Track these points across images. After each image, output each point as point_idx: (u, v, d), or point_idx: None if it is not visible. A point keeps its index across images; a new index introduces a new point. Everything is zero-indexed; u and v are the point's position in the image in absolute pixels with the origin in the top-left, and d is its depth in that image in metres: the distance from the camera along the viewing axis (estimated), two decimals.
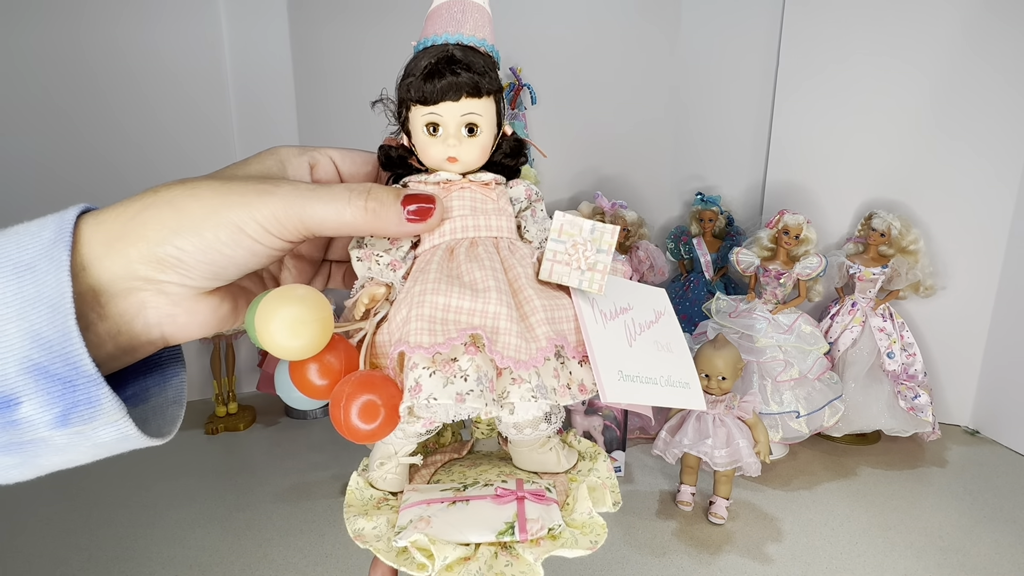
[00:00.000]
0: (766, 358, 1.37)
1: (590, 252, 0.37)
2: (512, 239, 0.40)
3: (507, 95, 1.68)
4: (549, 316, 0.36)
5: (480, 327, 0.35)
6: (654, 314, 0.45)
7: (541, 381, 0.36)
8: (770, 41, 1.63)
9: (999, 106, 1.42)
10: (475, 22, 0.43)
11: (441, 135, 0.39)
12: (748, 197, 1.76)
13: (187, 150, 1.62)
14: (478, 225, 0.39)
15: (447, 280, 0.36)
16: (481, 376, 0.35)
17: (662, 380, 0.41)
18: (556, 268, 0.37)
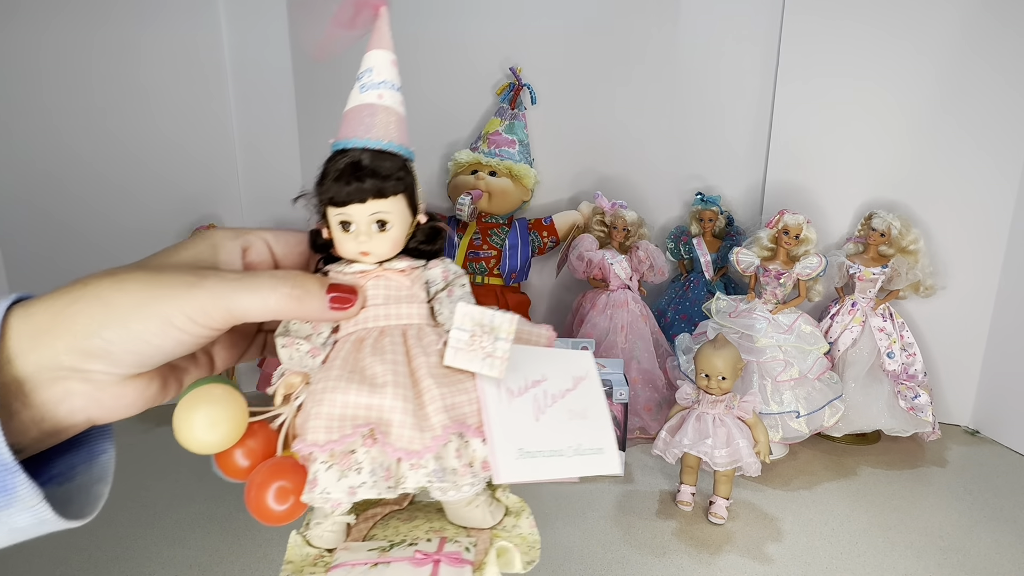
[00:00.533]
0: (766, 358, 1.37)
1: (488, 341, 0.41)
2: (422, 325, 0.44)
3: (507, 95, 1.68)
4: (448, 403, 0.40)
5: (375, 422, 0.38)
6: (572, 381, 0.49)
7: (440, 464, 0.39)
8: (770, 41, 1.63)
9: (1000, 106, 1.42)
10: (384, 126, 0.49)
11: (353, 231, 0.44)
12: (748, 197, 1.76)
13: (187, 150, 1.62)
14: (388, 314, 0.43)
15: (347, 377, 0.39)
16: (376, 467, 0.38)
17: (570, 450, 0.44)
18: (459, 355, 0.40)
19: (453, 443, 0.40)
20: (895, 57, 1.49)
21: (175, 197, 1.62)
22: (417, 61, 1.70)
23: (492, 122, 1.68)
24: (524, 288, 1.81)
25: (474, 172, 1.63)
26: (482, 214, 1.65)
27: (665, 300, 1.75)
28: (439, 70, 1.71)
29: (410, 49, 1.70)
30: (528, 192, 1.69)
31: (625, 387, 1.31)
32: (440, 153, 1.76)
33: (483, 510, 0.46)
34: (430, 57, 1.70)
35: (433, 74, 1.71)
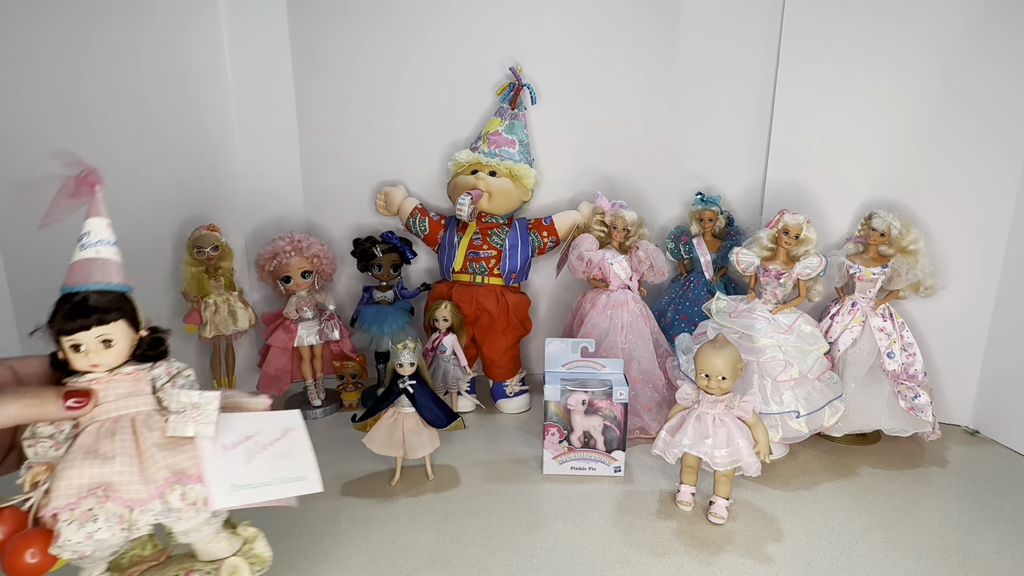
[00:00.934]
0: (766, 358, 1.37)
1: (198, 413, 0.62)
2: (149, 412, 0.63)
3: (507, 95, 1.68)
4: (169, 462, 0.59)
5: (105, 484, 0.56)
6: (281, 432, 0.70)
7: (165, 506, 0.58)
8: (770, 40, 1.63)
9: (1000, 106, 1.42)
10: (103, 272, 0.69)
11: (84, 351, 0.61)
12: (748, 197, 1.76)
13: (187, 151, 1.61)
14: (119, 407, 0.61)
15: (83, 456, 0.57)
16: (109, 516, 0.55)
17: (277, 480, 0.66)
18: (177, 426, 0.61)
19: (177, 490, 0.59)
20: (896, 57, 1.49)
21: (175, 197, 1.62)
22: (417, 61, 1.70)
23: (492, 122, 1.68)
24: (524, 288, 1.81)
25: (474, 172, 1.63)
26: (482, 214, 1.65)
27: (665, 300, 1.75)
28: (439, 70, 1.71)
29: (410, 49, 1.70)
30: (528, 192, 1.69)
31: (625, 387, 1.31)
32: (440, 153, 1.76)
33: (223, 543, 0.66)
34: (430, 57, 1.70)
35: (433, 74, 1.71)
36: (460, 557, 1.06)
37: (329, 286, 1.78)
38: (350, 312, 1.78)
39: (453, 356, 1.59)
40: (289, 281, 1.59)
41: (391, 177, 1.78)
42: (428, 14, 1.67)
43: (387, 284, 1.72)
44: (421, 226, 1.71)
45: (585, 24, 1.71)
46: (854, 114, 1.55)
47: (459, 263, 1.65)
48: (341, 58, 1.69)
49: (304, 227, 1.79)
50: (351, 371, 1.70)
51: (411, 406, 1.27)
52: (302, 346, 1.63)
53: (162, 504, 0.58)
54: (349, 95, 1.72)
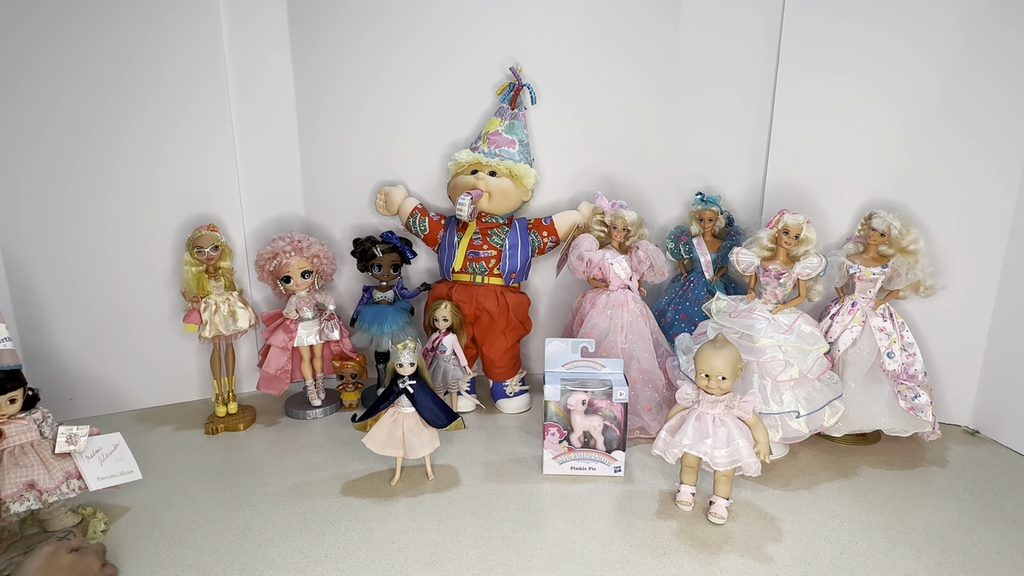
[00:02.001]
0: (766, 358, 1.37)
1: (76, 441, 1.12)
2: (37, 439, 1.11)
3: (507, 95, 1.68)
4: (64, 466, 1.10)
5: (29, 481, 1.04)
6: (113, 446, 1.17)
7: (63, 491, 1.07)
8: (770, 41, 1.63)
9: (1000, 106, 1.42)
10: (11, 359, 1.07)
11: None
12: (748, 197, 1.76)
13: (188, 150, 1.61)
14: (20, 438, 1.09)
15: (12, 466, 1.04)
16: (32, 498, 1.04)
17: (118, 473, 1.16)
18: (62, 447, 1.10)
19: (71, 483, 1.09)
20: (895, 57, 1.49)
21: (175, 197, 1.62)
22: (417, 61, 1.70)
23: (492, 122, 1.68)
24: (524, 288, 1.81)
25: (474, 172, 1.63)
26: (482, 214, 1.65)
27: (665, 300, 1.75)
28: (439, 70, 1.71)
29: (410, 50, 1.70)
30: (528, 192, 1.69)
31: (625, 387, 1.31)
32: (440, 153, 1.76)
33: (69, 517, 1.12)
34: (430, 57, 1.70)
35: (433, 74, 1.71)
36: (460, 557, 1.06)
37: (329, 286, 1.78)
38: (350, 312, 1.78)
39: (453, 356, 1.59)
40: (289, 281, 1.59)
41: (391, 177, 1.78)
42: (428, 15, 1.67)
43: (387, 284, 1.72)
44: (421, 226, 1.71)
45: (585, 24, 1.71)
46: (854, 114, 1.55)
47: (459, 263, 1.65)
48: (341, 58, 1.69)
49: (304, 227, 1.79)
50: (351, 371, 1.70)
51: (411, 406, 1.27)
52: (302, 346, 1.63)
53: (65, 488, 1.08)
54: (349, 95, 1.72)
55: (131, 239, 1.59)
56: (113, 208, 1.57)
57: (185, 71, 1.57)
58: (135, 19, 1.50)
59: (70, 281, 1.56)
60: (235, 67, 1.63)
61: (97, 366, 1.62)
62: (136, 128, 1.55)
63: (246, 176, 1.70)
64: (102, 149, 1.54)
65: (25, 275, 1.53)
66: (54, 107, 1.48)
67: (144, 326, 1.64)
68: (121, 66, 1.51)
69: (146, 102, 1.55)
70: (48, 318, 1.56)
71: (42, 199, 1.51)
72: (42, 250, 1.53)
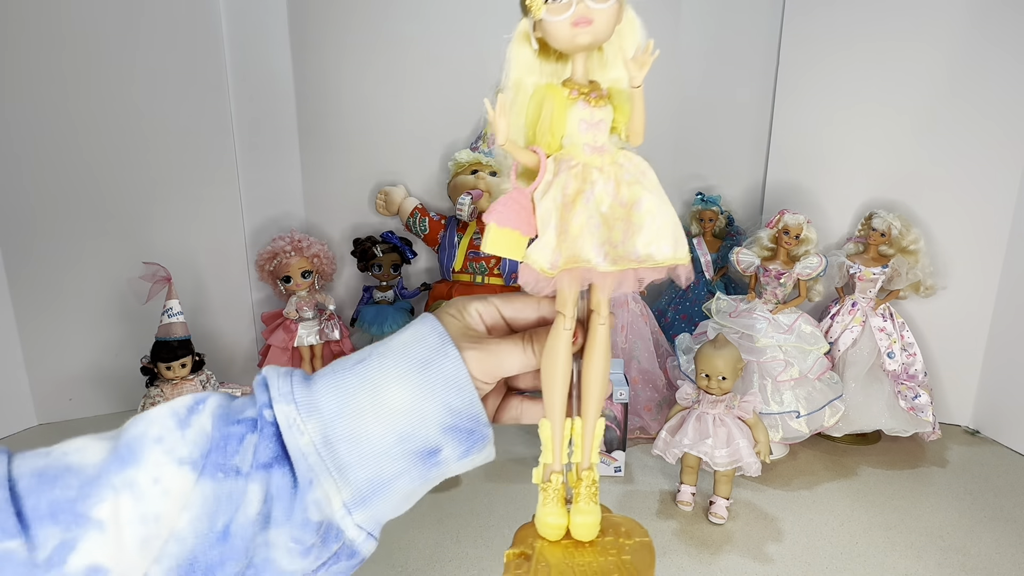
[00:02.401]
0: (766, 358, 1.37)
1: None
2: None
3: None
4: None
5: None
6: None
7: None
8: (770, 41, 1.63)
9: (1000, 106, 1.42)
10: (182, 330, 1.23)
11: None
12: (748, 197, 1.76)
13: (188, 151, 1.61)
14: None
15: None
16: None
17: None
18: None
19: None
20: (896, 58, 1.49)
21: (175, 197, 1.62)
22: (417, 61, 1.70)
23: None
24: None
25: (474, 172, 1.63)
26: (482, 214, 1.65)
27: (665, 300, 1.75)
28: (439, 70, 1.71)
29: (410, 49, 1.70)
30: None
31: (625, 387, 1.31)
32: (440, 153, 1.76)
33: None
34: (430, 56, 1.70)
35: (433, 74, 1.71)
36: (460, 557, 1.06)
37: (329, 286, 1.77)
38: (350, 312, 1.78)
39: None
40: (289, 281, 1.59)
41: (391, 177, 1.78)
42: (428, 15, 1.67)
43: (387, 284, 1.72)
44: (421, 226, 1.71)
45: None
46: (854, 114, 1.55)
47: (459, 263, 1.65)
48: (341, 59, 1.69)
49: (304, 227, 1.79)
50: None
51: None
52: (302, 346, 1.63)
53: None
54: (349, 96, 1.72)
55: (131, 240, 1.59)
56: (113, 209, 1.57)
57: (185, 71, 1.57)
58: (135, 19, 1.50)
59: (72, 281, 1.56)
60: (235, 67, 1.63)
61: (98, 365, 1.62)
62: (136, 128, 1.55)
63: (246, 177, 1.70)
64: (101, 149, 1.54)
65: (26, 275, 1.53)
66: (54, 107, 1.48)
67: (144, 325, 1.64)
68: (121, 66, 1.51)
69: (146, 102, 1.55)
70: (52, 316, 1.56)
71: (42, 198, 1.51)
72: (42, 250, 1.53)
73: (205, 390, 1.26)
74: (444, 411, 0.33)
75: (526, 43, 0.41)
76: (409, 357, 0.34)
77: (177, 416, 0.31)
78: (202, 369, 1.30)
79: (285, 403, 0.31)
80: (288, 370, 0.34)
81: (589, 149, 0.39)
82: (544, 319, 0.40)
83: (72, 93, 1.48)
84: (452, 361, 0.34)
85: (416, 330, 0.35)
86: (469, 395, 0.34)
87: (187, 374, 1.26)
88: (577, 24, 0.37)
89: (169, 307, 1.28)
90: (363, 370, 0.33)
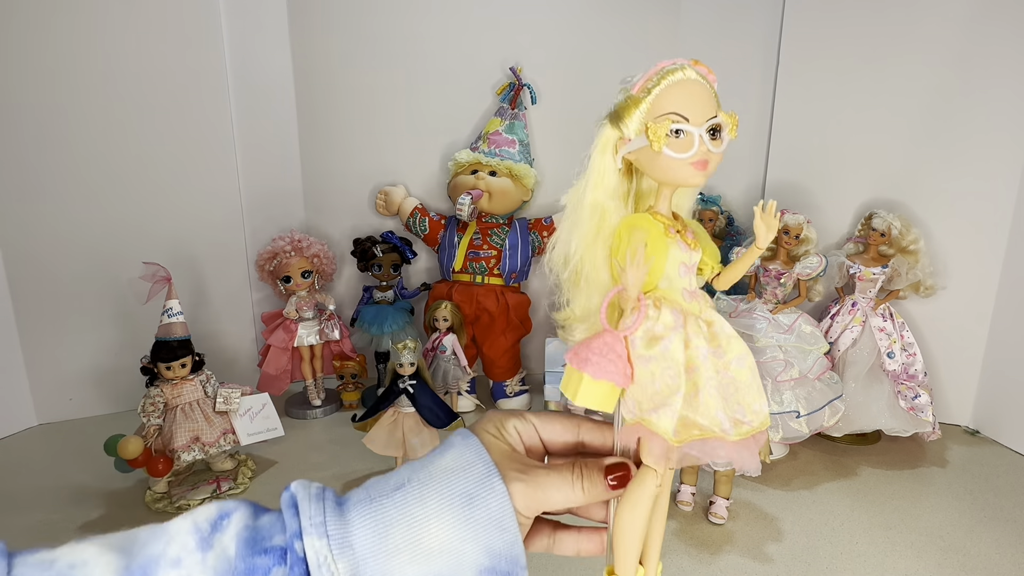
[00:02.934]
0: (766, 358, 1.37)
1: (232, 402, 1.29)
2: (201, 398, 1.31)
3: (507, 95, 1.68)
4: (222, 423, 1.31)
5: (195, 434, 1.27)
6: (261, 405, 1.32)
7: (221, 444, 1.27)
8: (770, 41, 1.63)
9: (1000, 106, 1.42)
10: (182, 330, 1.28)
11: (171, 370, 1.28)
12: (748, 197, 1.76)
13: (188, 151, 1.61)
14: (189, 397, 1.28)
15: (183, 420, 1.29)
16: (197, 449, 1.26)
17: (264, 430, 1.33)
18: (220, 407, 1.29)
19: (227, 436, 1.29)
20: (896, 58, 1.49)
21: (175, 197, 1.62)
22: (417, 61, 1.70)
23: (492, 122, 1.68)
24: (524, 288, 1.81)
25: (474, 172, 1.63)
26: (482, 214, 1.65)
27: None
28: (439, 70, 1.71)
29: (410, 50, 1.70)
30: (528, 192, 1.68)
31: None
32: (440, 153, 1.76)
33: (230, 462, 1.35)
34: (430, 57, 1.70)
35: (433, 74, 1.71)
36: None
37: (329, 286, 1.77)
38: (350, 312, 1.78)
39: (453, 356, 1.59)
40: (289, 281, 1.59)
41: (391, 177, 1.78)
42: (428, 15, 1.67)
43: (387, 284, 1.72)
44: (421, 226, 1.71)
45: (585, 24, 1.71)
46: (854, 114, 1.55)
47: (459, 263, 1.65)
48: (341, 59, 1.69)
49: (304, 227, 1.79)
50: (351, 371, 1.70)
51: (411, 406, 1.27)
52: (302, 346, 1.63)
53: (223, 442, 1.26)
54: (349, 95, 1.72)
55: (131, 240, 1.59)
56: (113, 209, 1.57)
57: (185, 71, 1.57)
58: (136, 19, 1.50)
59: (72, 281, 1.56)
60: (235, 67, 1.63)
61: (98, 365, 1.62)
62: (136, 128, 1.55)
63: (246, 176, 1.70)
64: (101, 149, 1.54)
65: (26, 275, 1.53)
66: (54, 107, 1.48)
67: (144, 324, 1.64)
68: (121, 66, 1.51)
69: (146, 102, 1.55)
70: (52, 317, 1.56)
71: (43, 199, 1.51)
72: (42, 250, 1.53)
73: (205, 390, 1.29)
74: (484, 553, 0.31)
75: (610, 160, 0.36)
76: (453, 488, 0.31)
77: (199, 533, 0.29)
78: (202, 369, 1.30)
79: (317, 536, 0.29)
80: (320, 491, 0.31)
81: (688, 295, 0.37)
82: (583, 444, 0.37)
83: (72, 93, 1.48)
84: (498, 498, 0.31)
85: (460, 455, 0.32)
86: (512, 536, 0.31)
87: (187, 374, 1.26)
88: (696, 165, 0.34)
89: (169, 307, 1.27)
90: (402, 500, 0.31)
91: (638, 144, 0.34)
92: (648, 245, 0.34)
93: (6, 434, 1.54)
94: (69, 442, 1.50)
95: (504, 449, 0.34)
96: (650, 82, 0.34)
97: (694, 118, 0.33)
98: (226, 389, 1.29)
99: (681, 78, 0.33)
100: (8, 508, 1.23)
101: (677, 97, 0.33)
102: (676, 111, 0.33)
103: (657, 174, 0.35)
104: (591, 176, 0.37)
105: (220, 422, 1.28)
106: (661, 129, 0.33)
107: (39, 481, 1.33)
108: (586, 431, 0.37)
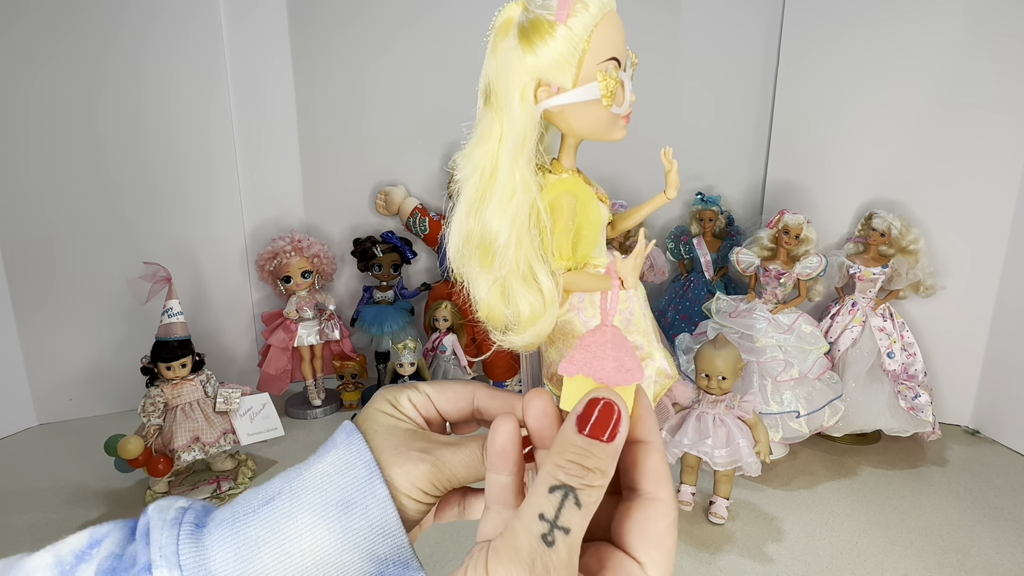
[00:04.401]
0: (766, 358, 1.37)
1: (232, 402, 1.30)
2: (201, 398, 1.32)
3: None
4: (222, 423, 1.31)
5: (195, 434, 1.27)
6: (261, 405, 1.32)
7: (221, 444, 1.28)
8: (770, 41, 1.63)
9: (999, 106, 1.42)
10: (182, 330, 1.28)
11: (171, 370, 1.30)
12: (748, 197, 1.76)
13: (188, 151, 1.61)
14: (189, 396, 1.29)
15: (183, 420, 1.29)
16: (197, 449, 1.28)
17: (264, 430, 1.32)
18: (221, 407, 1.30)
19: (228, 436, 1.28)
20: (896, 58, 1.48)
21: (175, 197, 1.62)
22: (417, 61, 1.70)
23: None
24: None
25: None
26: None
27: (665, 300, 1.75)
28: (439, 70, 1.71)
29: (410, 49, 1.70)
30: None
31: None
32: (440, 153, 1.76)
33: (230, 461, 1.35)
34: (430, 56, 1.70)
35: (433, 74, 1.71)
36: (460, 557, 1.06)
37: (329, 286, 1.78)
38: (350, 312, 1.78)
39: (453, 356, 1.59)
40: (289, 281, 1.59)
41: (391, 177, 1.78)
42: (427, 15, 1.67)
43: (387, 284, 1.72)
44: (421, 226, 1.71)
45: None
46: (854, 114, 1.55)
47: None
48: (341, 59, 1.69)
49: (304, 227, 1.79)
50: (351, 371, 1.70)
51: None
52: (302, 346, 1.63)
53: (223, 442, 1.25)
54: (349, 96, 1.72)
55: (131, 240, 1.59)
56: (114, 209, 1.57)
57: (185, 72, 1.57)
58: (136, 20, 1.50)
59: (72, 281, 1.56)
60: (235, 68, 1.63)
61: (98, 365, 1.62)
62: (136, 128, 1.55)
63: (246, 176, 1.70)
64: (101, 149, 1.54)
65: (26, 275, 1.53)
66: (54, 107, 1.48)
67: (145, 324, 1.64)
68: (122, 67, 1.51)
69: (146, 103, 1.55)
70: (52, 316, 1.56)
71: (42, 198, 1.51)
72: (42, 251, 1.53)
73: (205, 390, 1.30)
74: (368, 561, 0.28)
75: (532, 110, 0.27)
76: (328, 497, 0.28)
77: (60, 567, 0.26)
78: (202, 369, 1.30)
79: (168, 569, 0.25)
80: (179, 513, 0.27)
81: None
82: (479, 411, 0.34)
83: (72, 93, 1.48)
84: (379, 503, 0.28)
85: (340, 456, 0.29)
86: (399, 540, 0.28)
87: (187, 374, 1.27)
88: (626, 119, 0.30)
89: (169, 307, 1.28)
90: (270, 515, 0.27)
91: (582, 97, 0.27)
92: (579, 214, 0.30)
93: (6, 434, 1.54)
94: (69, 442, 1.50)
95: (404, 428, 0.31)
96: (579, 13, 0.26)
97: (622, 61, 0.27)
98: (226, 389, 1.29)
99: (609, 9, 0.26)
100: (8, 508, 1.23)
101: (611, 35, 0.26)
102: (613, 55, 0.26)
103: (584, 129, 0.29)
104: (508, 132, 0.27)
105: (220, 422, 1.28)
106: (613, 82, 0.27)
107: (39, 481, 1.33)
108: (481, 397, 0.34)
